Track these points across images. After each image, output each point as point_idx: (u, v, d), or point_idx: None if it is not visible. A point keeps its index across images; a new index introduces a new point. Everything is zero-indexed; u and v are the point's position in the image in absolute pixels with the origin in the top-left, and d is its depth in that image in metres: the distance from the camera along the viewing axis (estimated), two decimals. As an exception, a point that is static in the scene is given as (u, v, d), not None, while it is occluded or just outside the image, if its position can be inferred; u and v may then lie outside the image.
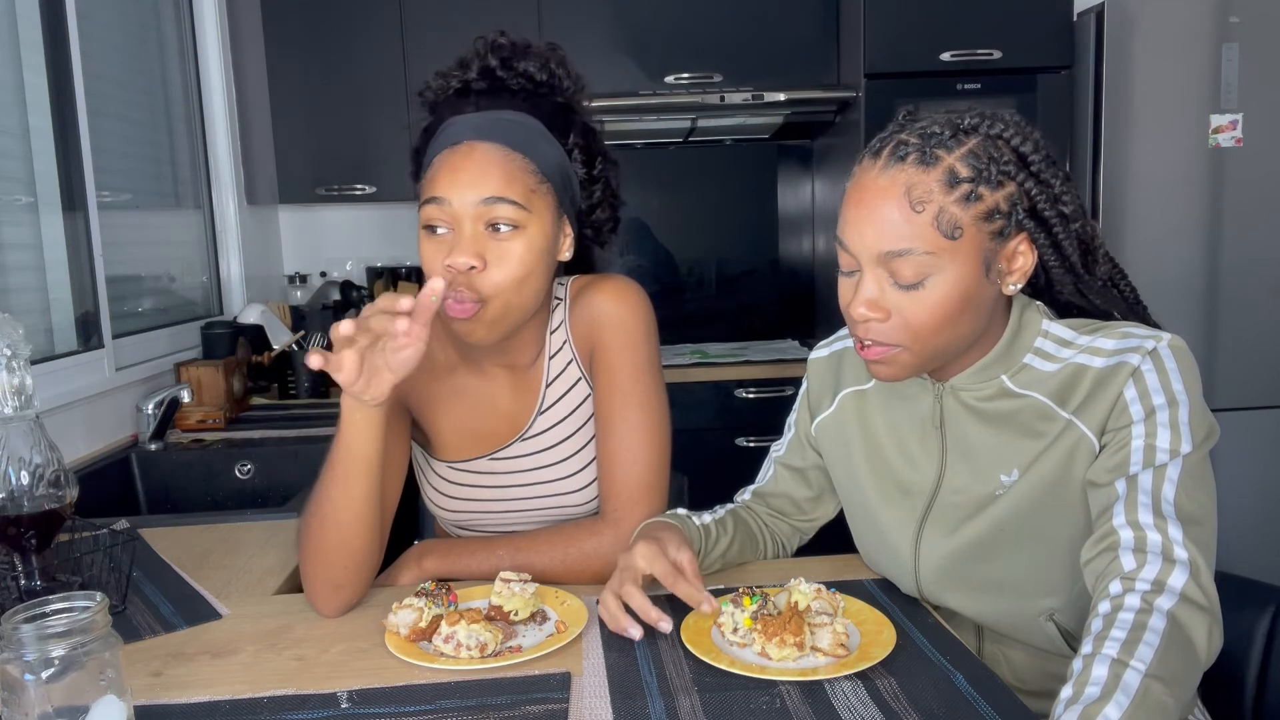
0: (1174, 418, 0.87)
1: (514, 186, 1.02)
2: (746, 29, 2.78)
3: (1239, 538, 2.45)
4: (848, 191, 0.93)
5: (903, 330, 0.91)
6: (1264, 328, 2.48)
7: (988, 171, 0.88)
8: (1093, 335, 0.94)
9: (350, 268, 3.16)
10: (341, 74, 2.75)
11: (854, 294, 0.92)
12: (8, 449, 0.99)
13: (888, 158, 0.90)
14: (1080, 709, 0.70)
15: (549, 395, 1.17)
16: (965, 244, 0.88)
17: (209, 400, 2.19)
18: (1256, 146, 2.45)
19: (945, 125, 0.90)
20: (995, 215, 0.89)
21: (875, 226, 0.89)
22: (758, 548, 1.18)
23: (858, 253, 0.91)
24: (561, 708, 0.82)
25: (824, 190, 3.09)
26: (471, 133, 1.04)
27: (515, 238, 1.02)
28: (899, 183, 0.88)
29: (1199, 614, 0.79)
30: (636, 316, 1.15)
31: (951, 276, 0.89)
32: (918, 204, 0.87)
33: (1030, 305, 0.98)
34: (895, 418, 1.05)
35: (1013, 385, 0.96)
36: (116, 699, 0.70)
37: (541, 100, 1.09)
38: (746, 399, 2.69)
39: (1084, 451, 0.91)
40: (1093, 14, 2.47)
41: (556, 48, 1.14)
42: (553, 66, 1.11)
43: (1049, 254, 0.93)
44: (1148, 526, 0.83)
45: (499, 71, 1.09)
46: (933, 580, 1.02)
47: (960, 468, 0.99)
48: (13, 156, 1.83)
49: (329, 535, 1.00)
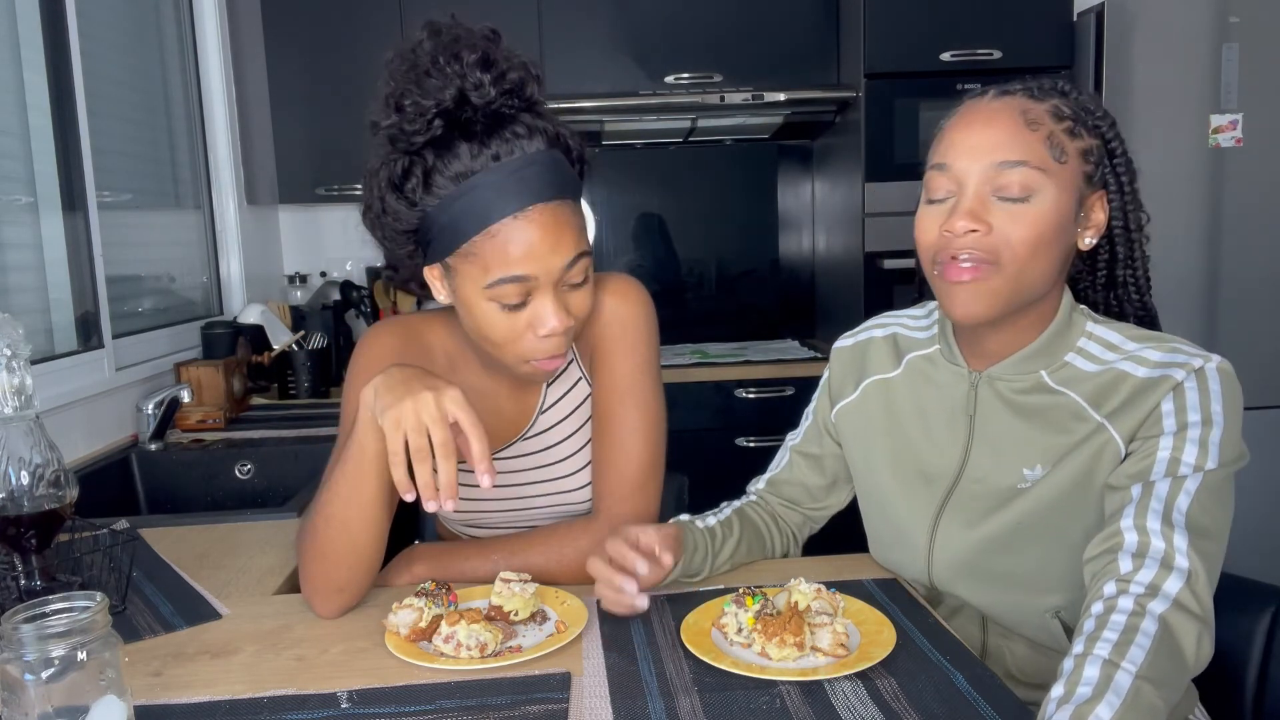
0: (1205, 436, 0.87)
1: (582, 237, 1.00)
2: (746, 29, 2.78)
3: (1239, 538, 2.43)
4: (952, 123, 0.97)
5: (1004, 245, 0.92)
6: (1264, 328, 2.48)
7: (1085, 118, 0.95)
8: (1140, 344, 0.95)
9: (350, 268, 3.16)
10: (341, 74, 2.75)
11: (950, 214, 0.93)
12: (8, 449, 0.99)
13: (995, 93, 0.96)
14: (1072, 708, 0.70)
15: (550, 394, 1.17)
16: (1067, 171, 0.93)
17: (209, 400, 2.19)
18: (1256, 146, 2.45)
19: (1040, 81, 0.97)
20: (1089, 156, 0.94)
21: (990, 140, 0.92)
22: (765, 546, 1.18)
23: (964, 168, 0.93)
24: (561, 708, 0.82)
25: (824, 190, 3.09)
26: (532, 196, 0.95)
27: (588, 281, 1.02)
28: (1012, 106, 0.94)
29: (1190, 621, 0.79)
30: (638, 316, 1.15)
31: (1052, 198, 0.92)
32: (1032, 124, 0.92)
33: (1077, 306, 1.00)
34: (924, 403, 1.06)
35: (1051, 381, 0.97)
36: (116, 699, 0.70)
37: (538, 112, 1.00)
38: (746, 399, 2.69)
39: (1110, 456, 0.91)
40: (1093, 14, 2.47)
41: (494, 32, 0.99)
42: (512, 59, 0.97)
43: (1117, 218, 0.98)
44: (1154, 532, 0.83)
45: (490, 89, 0.95)
46: (945, 569, 1.02)
47: (984, 457, 1.00)
48: (13, 156, 1.83)
49: (335, 534, 0.99)
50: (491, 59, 0.95)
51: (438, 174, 0.96)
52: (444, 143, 0.96)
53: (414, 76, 0.95)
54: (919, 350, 1.10)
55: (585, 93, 2.72)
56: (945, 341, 1.06)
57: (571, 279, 1.00)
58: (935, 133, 1.00)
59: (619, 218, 3.23)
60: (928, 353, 1.09)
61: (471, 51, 0.94)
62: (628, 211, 3.23)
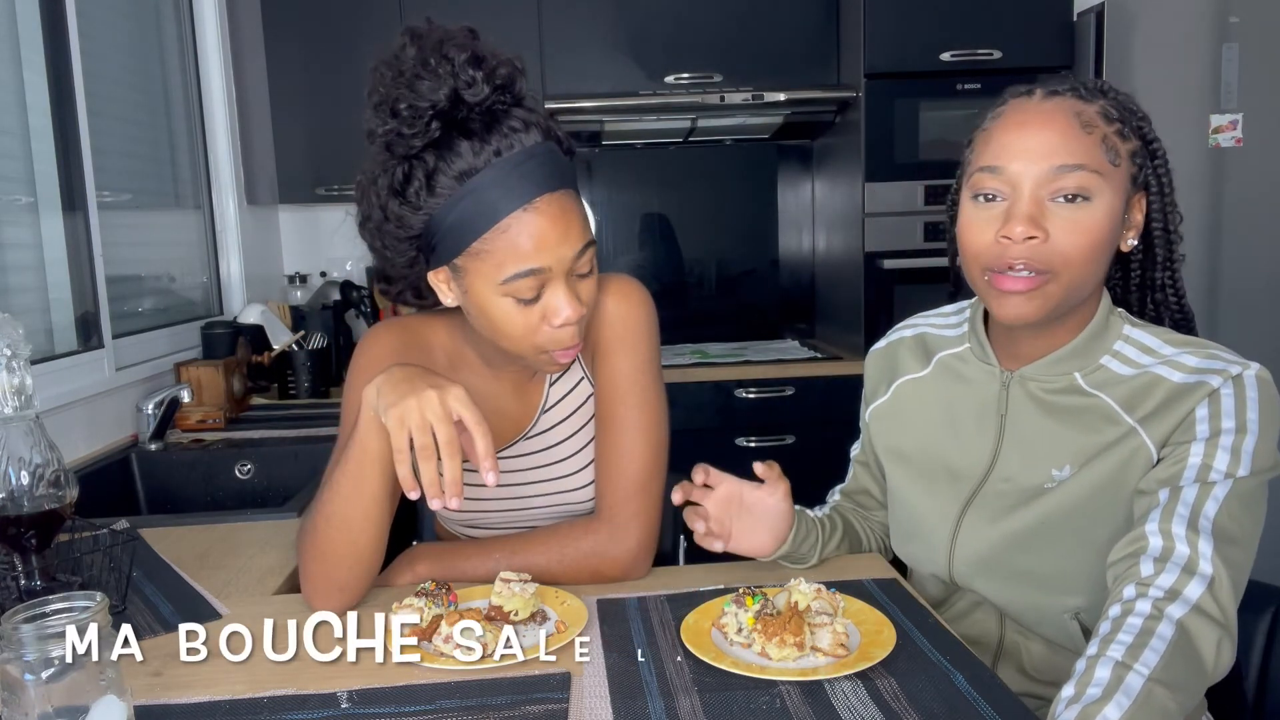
0: (1238, 444, 0.86)
1: (587, 227, 1.01)
2: (746, 29, 2.78)
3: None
4: (998, 123, 0.95)
5: (1058, 254, 0.90)
6: (1264, 328, 2.48)
7: (1130, 119, 0.95)
8: (1178, 350, 0.94)
9: (350, 268, 3.16)
10: (341, 74, 2.74)
11: (1007, 217, 0.92)
12: (8, 449, 0.99)
13: (1044, 93, 0.94)
14: (1080, 708, 0.70)
15: (552, 394, 1.17)
16: (1119, 175, 0.92)
17: (209, 400, 2.19)
18: (1256, 146, 2.45)
19: (1083, 81, 0.96)
20: (1135, 158, 0.94)
21: (1047, 143, 0.91)
22: (862, 543, 1.20)
23: (1019, 172, 0.91)
24: (561, 708, 0.82)
25: (824, 190, 3.09)
26: (538, 188, 0.95)
27: (594, 271, 1.03)
28: (1065, 108, 0.92)
29: (1210, 626, 0.78)
30: (640, 316, 1.15)
31: (1107, 202, 0.91)
32: (1087, 126, 0.91)
33: (1115, 309, 0.99)
34: (954, 402, 1.06)
35: (1085, 384, 0.97)
36: (116, 699, 0.70)
37: (528, 106, 1.00)
38: (746, 399, 2.69)
39: (1141, 460, 0.91)
40: (1093, 14, 2.47)
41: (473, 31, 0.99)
42: (498, 55, 0.97)
43: (1156, 219, 0.97)
44: (1179, 538, 0.83)
45: (483, 86, 0.95)
46: (965, 564, 1.02)
47: (1013, 456, 1.00)
48: (13, 156, 1.83)
49: (336, 534, 0.99)
50: (480, 56, 0.95)
51: (440, 175, 0.95)
52: (444, 143, 0.95)
53: (404, 81, 0.94)
54: (949, 349, 1.10)
55: (585, 93, 2.72)
56: (977, 340, 1.06)
57: (580, 269, 1.00)
58: (975, 132, 0.98)
59: (619, 218, 3.23)
60: (958, 351, 1.09)
61: (460, 50, 0.94)
62: (628, 211, 3.23)
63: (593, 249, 1.01)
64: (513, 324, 1.00)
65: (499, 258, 0.96)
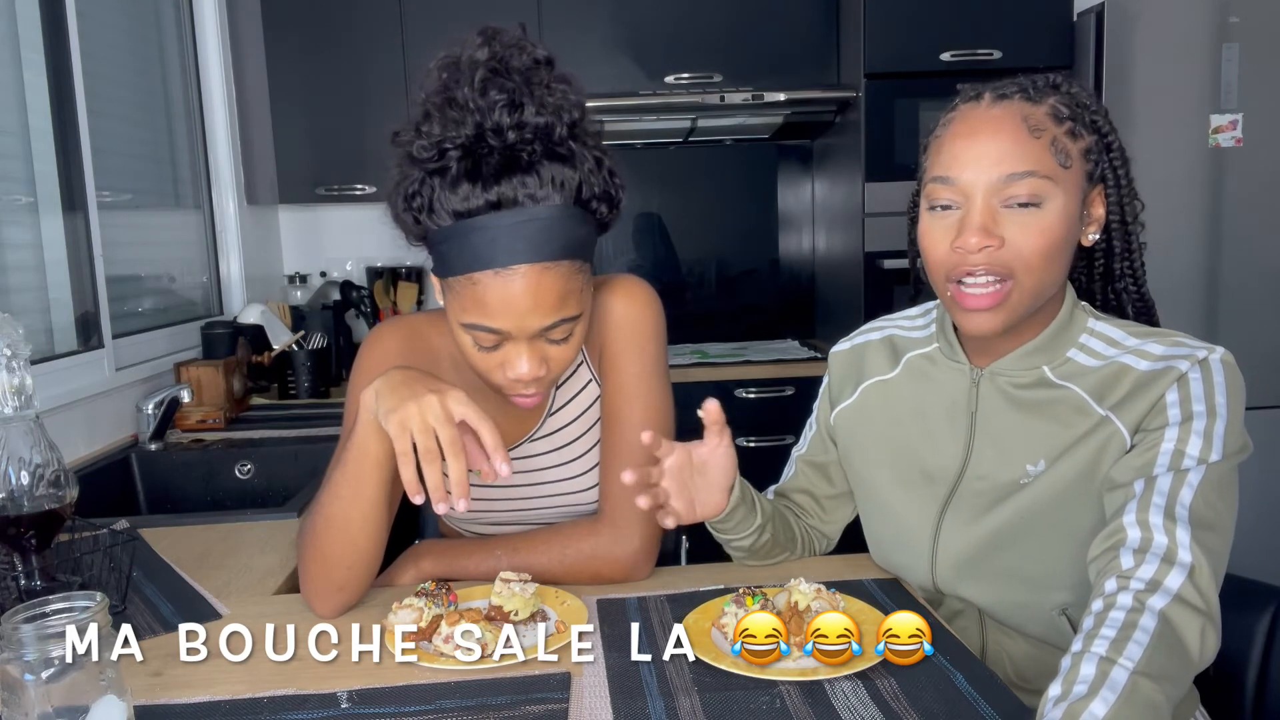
0: (1209, 428, 0.87)
1: (569, 303, 0.97)
2: (746, 29, 2.78)
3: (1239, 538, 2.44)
4: (948, 131, 0.95)
5: (1016, 258, 0.91)
6: (1264, 328, 2.48)
7: (1082, 116, 0.94)
8: (1142, 339, 0.95)
9: (350, 268, 3.16)
10: (341, 74, 2.75)
11: (961, 228, 0.92)
12: (8, 449, 0.99)
13: (992, 98, 0.94)
14: (1066, 705, 0.70)
15: (559, 397, 1.16)
16: (1072, 175, 0.92)
17: (209, 400, 2.19)
18: (1256, 146, 2.44)
19: (1033, 79, 0.96)
20: (1089, 155, 0.94)
21: (996, 151, 0.91)
22: (794, 536, 1.16)
23: (970, 181, 0.92)
24: (561, 708, 0.82)
25: (824, 190, 3.09)
26: (520, 256, 0.92)
27: (572, 338, 1.01)
28: (1012, 113, 0.92)
29: (1192, 614, 0.78)
30: (647, 317, 1.14)
31: (1061, 204, 0.92)
32: (1035, 130, 0.91)
33: (1079, 303, 1.00)
34: (924, 403, 1.06)
35: (1053, 376, 0.97)
36: (116, 699, 0.70)
37: (563, 157, 0.95)
38: (746, 399, 2.69)
39: (1115, 447, 0.91)
40: (1093, 14, 2.47)
41: (544, 61, 0.98)
42: (545, 100, 0.95)
43: (1114, 212, 0.97)
44: (1156, 528, 0.83)
45: (509, 133, 0.92)
46: (950, 569, 1.02)
47: (987, 454, 1.00)
48: (13, 156, 1.83)
49: (335, 535, 0.99)
50: (518, 102, 0.93)
51: (439, 204, 0.95)
52: (450, 179, 0.94)
53: (442, 100, 0.94)
54: (917, 349, 1.10)
55: (585, 93, 2.71)
56: (945, 339, 1.06)
57: (552, 336, 0.99)
58: (929, 138, 0.99)
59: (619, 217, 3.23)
60: (926, 351, 1.09)
61: (501, 92, 0.92)
62: (628, 211, 3.20)
63: (575, 324, 0.99)
64: (473, 359, 1.01)
65: (464, 302, 0.96)
